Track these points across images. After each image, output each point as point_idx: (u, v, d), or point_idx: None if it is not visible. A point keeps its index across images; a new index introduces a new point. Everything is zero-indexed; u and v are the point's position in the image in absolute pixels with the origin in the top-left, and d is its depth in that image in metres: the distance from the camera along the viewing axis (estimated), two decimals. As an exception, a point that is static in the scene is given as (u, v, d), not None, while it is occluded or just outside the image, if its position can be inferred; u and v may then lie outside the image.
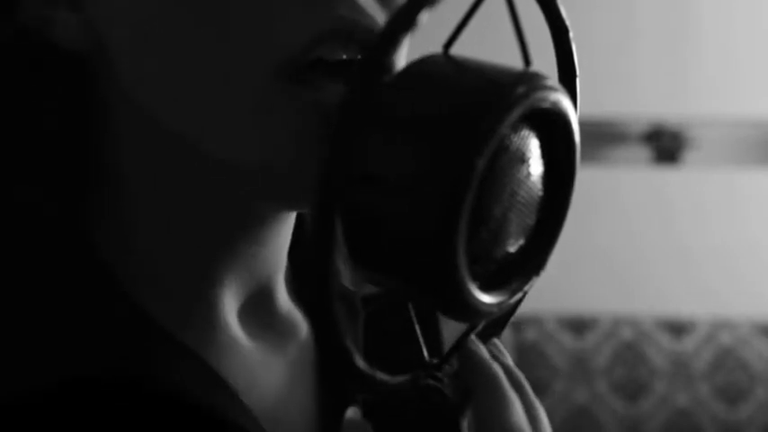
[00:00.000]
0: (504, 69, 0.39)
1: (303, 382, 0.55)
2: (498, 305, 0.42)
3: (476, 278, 0.40)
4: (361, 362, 0.40)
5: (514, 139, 0.39)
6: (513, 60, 0.41)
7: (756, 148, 2.39)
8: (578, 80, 0.47)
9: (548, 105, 0.39)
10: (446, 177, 0.37)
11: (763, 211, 2.41)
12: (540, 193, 0.42)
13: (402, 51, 0.46)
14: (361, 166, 0.38)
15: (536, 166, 0.41)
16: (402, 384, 0.45)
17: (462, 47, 0.42)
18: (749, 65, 2.36)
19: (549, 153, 0.42)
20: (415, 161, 0.37)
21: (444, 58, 0.41)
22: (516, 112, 0.38)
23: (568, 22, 0.46)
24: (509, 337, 2.25)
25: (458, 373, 0.48)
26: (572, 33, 0.46)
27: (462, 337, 0.49)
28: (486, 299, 0.41)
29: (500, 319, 0.51)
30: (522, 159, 0.40)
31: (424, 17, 0.37)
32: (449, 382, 0.48)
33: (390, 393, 0.43)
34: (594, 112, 2.33)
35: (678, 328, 2.27)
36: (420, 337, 0.48)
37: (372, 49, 0.37)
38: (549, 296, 2.29)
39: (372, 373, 0.41)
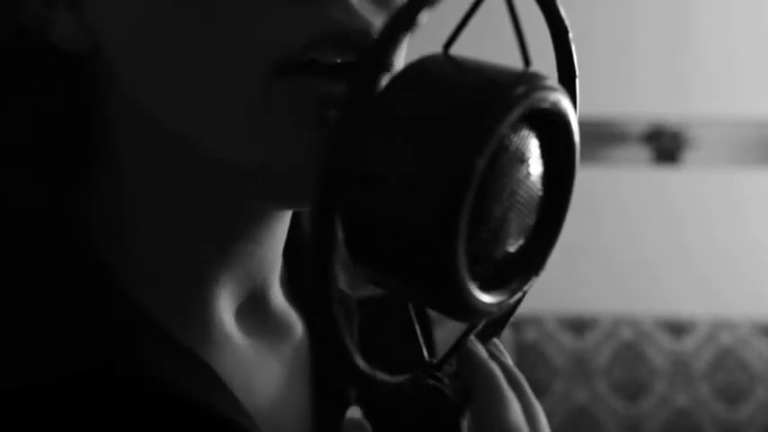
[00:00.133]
0: (504, 69, 0.39)
1: (298, 382, 0.55)
2: (498, 305, 0.42)
3: (476, 278, 0.40)
4: (361, 362, 0.40)
5: (514, 139, 0.39)
6: (513, 60, 0.41)
7: (756, 148, 2.39)
8: (578, 80, 0.47)
9: (547, 105, 0.39)
10: (446, 177, 0.37)
11: (763, 211, 2.41)
12: (540, 193, 0.42)
13: (402, 51, 0.46)
14: (361, 166, 0.38)
15: (536, 166, 0.41)
16: (402, 384, 0.45)
17: (462, 47, 0.42)
18: (749, 65, 2.36)
19: (549, 153, 0.42)
20: (415, 161, 0.37)
21: (444, 58, 0.41)
22: (516, 112, 0.38)
23: (568, 22, 0.46)
24: (509, 337, 2.25)
25: (457, 373, 0.49)
26: (572, 33, 0.46)
27: (462, 337, 0.49)
28: (486, 299, 0.41)
29: (500, 319, 0.51)
30: (522, 159, 0.40)
31: (424, 17, 0.37)
32: (449, 383, 0.48)
33: (390, 393, 0.43)
34: (594, 112, 2.33)
35: (678, 328, 2.28)
36: (420, 338, 0.48)
37: (372, 48, 0.37)
38: (549, 296, 2.30)
39: (372, 373, 0.41)
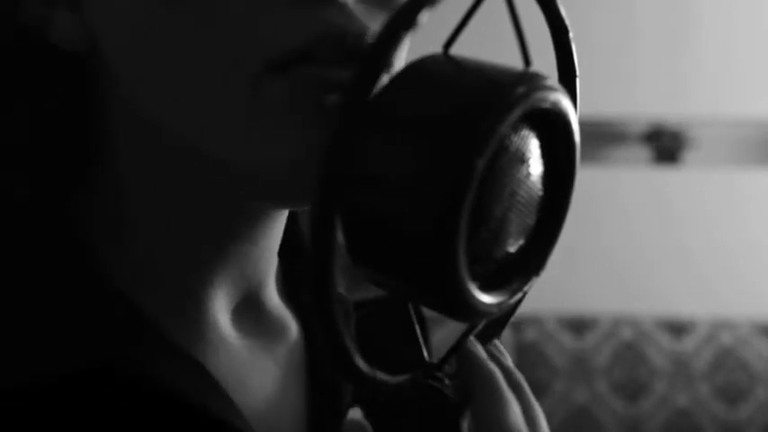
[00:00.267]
0: (504, 69, 0.39)
1: (293, 383, 0.55)
2: (498, 305, 0.42)
3: (476, 278, 0.40)
4: (360, 362, 0.40)
5: (514, 139, 0.39)
6: (513, 60, 0.41)
7: (756, 148, 2.39)
8: (578, 80, 0.47)
9: (548, 105, 0.39)
10: (446, 177, 0.36)
11: (763, 211, 2.41)
12: (540, 193, 0.42)
13: (403, 51, 0.46)
14: (361, 166, 0.38)
15: (536, 166, 0.41)
16: (402, 384, 0.45)
17: (462, 47, 0.42)
18: (749, 65, 2.36)
19: (549, 153, 0.42)
20: (415, 161, 0.37)
21: (444, 57, 0.41)
22: (516, 112, 0.38)
23: (568, 22, 0.46)
24: (509, 337, 2.25)
25: (457, 374, 0.48)
26: (572, 33, 0.46)
27: (462, 338, 0.49)
28: (486, 299, 0.41)
29: (500, 319, 0.51)
30: (522, 159, 0.40)
31: (424, 17, 0.37)
32: (449, 383, 0.48)
33: (390, 393, 0.43)
34: (594, 112, 2.33)
35: (678, 328, 2.28)
36: (420, 338, 0.48)
37: (372, 48, 0.37)
38: (549, 296, 2.30)
39: (372, 374, 0.41)
